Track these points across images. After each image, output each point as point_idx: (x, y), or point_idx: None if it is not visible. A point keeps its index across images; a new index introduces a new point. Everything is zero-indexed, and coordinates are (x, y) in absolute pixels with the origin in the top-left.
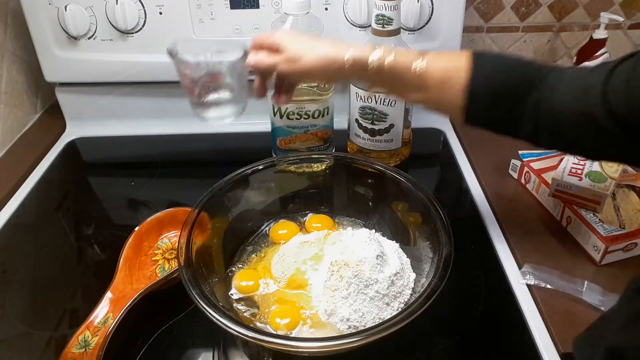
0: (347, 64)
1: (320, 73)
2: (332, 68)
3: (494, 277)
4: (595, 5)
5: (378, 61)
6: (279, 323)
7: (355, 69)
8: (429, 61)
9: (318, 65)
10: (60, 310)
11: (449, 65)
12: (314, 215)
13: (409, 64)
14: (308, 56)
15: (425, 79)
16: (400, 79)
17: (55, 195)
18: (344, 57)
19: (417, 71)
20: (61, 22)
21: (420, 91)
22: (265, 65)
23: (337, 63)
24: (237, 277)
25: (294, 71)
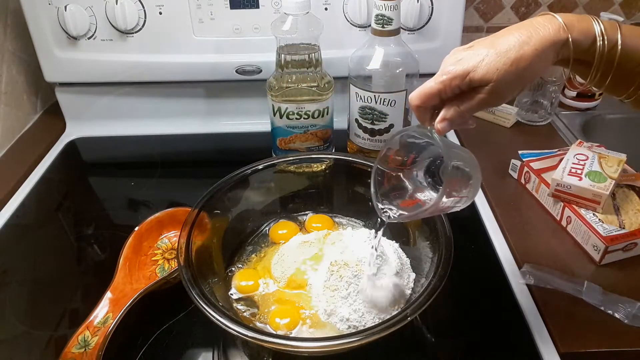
0: (565, 47)
1: (531, 78)
2: (545, 62)
3: (494, 277)
4: (595, 5)
5: (607, 39)
6: (279, 323)
7: (575, 51)
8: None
9: (534, 71)
10: (60, 310)
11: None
12: (314, 215)
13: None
14: (519, 71)
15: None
16: (626, 65)
17: (55, 195)
18: (564, 37)
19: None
20: (61, 22)
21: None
22: (468, 119)
23: (551, 51)
24: (236, 277)
25: (504, 100)
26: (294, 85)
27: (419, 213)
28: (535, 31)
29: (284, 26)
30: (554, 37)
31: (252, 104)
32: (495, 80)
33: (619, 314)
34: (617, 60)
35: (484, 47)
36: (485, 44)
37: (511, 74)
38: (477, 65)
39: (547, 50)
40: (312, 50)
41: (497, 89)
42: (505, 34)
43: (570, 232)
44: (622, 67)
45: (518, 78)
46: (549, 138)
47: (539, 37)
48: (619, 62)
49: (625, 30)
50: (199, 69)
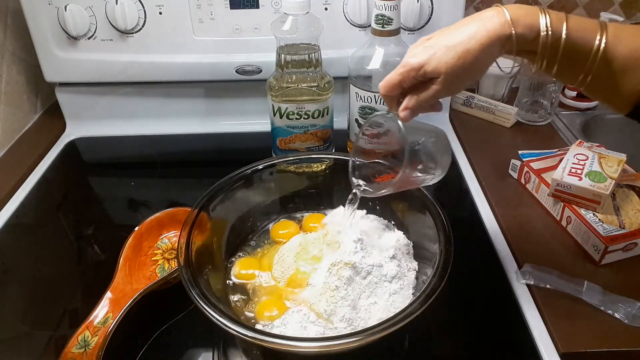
0: (509, 41)
1: (479, 70)
2: (491, 56)
3: (494, 277)
4: (595, 5)
5: (552, 32)
6: (264, 314)
7: (518, 45)
8: (614, 36)
9: (480, 64)
10: (60, 310)
11: (639, 49)
12: (310, 215)
13: (588, 38)
14: (465, 65)
15: (607, 60)
16: (571, 56)
17: (55, 195)
18: (507, 32)
19: (599, 49)
20: (61, 22)
21: (593, 74)
22: (428, 106)
23: (496, 45)
24: (238, 264)
25: (458, 90)
26: (294, 85)
27: (388, 186)
28: (483, 25)
29: (284, 26)
30: (499, 31)
31: (252, 104)
32: (445, 73)
33: (619, 314)
34: (562, 51)
35: (438, 40)
36: (439, 37)
37: (458, 67)
38: (429, 59)
39: (492, 44)
40: (312, 50)
41: (448, 80)
42: (457, 27)
43: (570, 232)
44: (567, 58)
45: (465, 71)
46: (549, 138)
47: (485, 32)
48: (563, 52)
49: (572, 24)
50: (199, 69)
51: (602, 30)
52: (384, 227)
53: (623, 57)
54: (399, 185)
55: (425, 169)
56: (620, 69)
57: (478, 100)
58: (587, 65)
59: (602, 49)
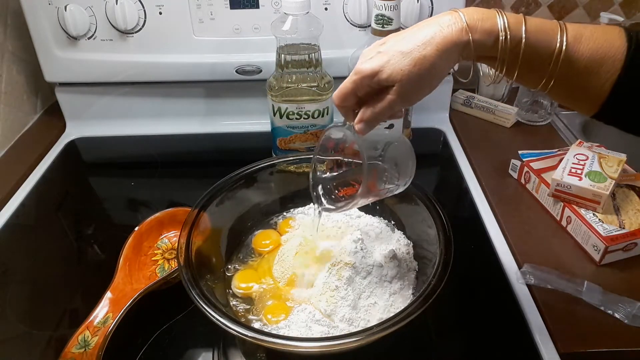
0: (467, 48)
1: (437, 77)
2: (448, 62)
3: (494, 277)
4: (595, 5)
5: (511, 36)
6: (271, 319)
7: (477, 51)
8: (574, 37)
9: (437, 71)
10: (60, 310)
11: (601, 47)
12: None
13: (548, 39)
14: (422, 72)
15: (569, 61)
16: (532, 59)
17: (55, 195)
18: (465, 39)
19: (562, 51)
20: (61, 22)
21: (556, 77)
22: (385, 118)
23: (454, 51)
24: (236, 277)
25: (415, 100)
26: (294, 85)
27: (351, 201)
28: (439, 31)
29: (284, 26)
30: (456, 38)
31: (252, 104)
32: (400, 81)
33: (619, 314)
34: (522, 56)
35: (393, 45)
36: (394, 41)
37: (414, 74)
38: (383, 66)
39: (450, 52)
40: (312, 50)
41: (404, 89)
42: (413, 32)
43: (570, 232)
44: (528, 62)
45: (422, 78)
46: (549, 138)
47: (441, 38)
48: (524, 57)
49: (531, 26)
50: (199, 69)
51: (562, 31)
52: (383, 227)
53: (585, 59)
54: (362, 199)
55: (389, 179)
56: (583, 71)
57: (478, 100)
58: (550, 69)
59: (563, 50)
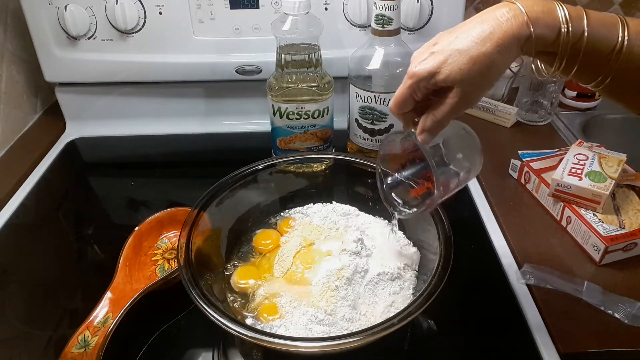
0: (528, 42)
1: (497, 74)
2: (508, 58)
3: (494, 277)
4: (595, 6)
5: (573, 30)
6: (267, 317)
7: (538, 46)
8: (636, 32)
9: (498, 68)
10: (60, 310)
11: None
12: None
13: (610, 35)
14: (482, 70)
15: (630, 57)
16: (592, 55)
17: (55, 195)
18: (527, 33)
19: (623, 47)
20: (61, 22)
21: (614, 74)
22: (448, 123)
23: (514, 46)
24: (236, 273)
25: (477, 100)
26: (294, 85)
27: (427, 204)
28: (498, 25)
29: (284, 26)
30: (517, 32)
31: (252, 104)
32: (461, 81)
33: (619, 314)
34: (583, 51)
35: (448, 43)
36: (448, 40)
37: (475, 72)
38: (440, 66)
39: (510, 46)
40: (312, 50)
41: (465, 89)
42: (468, 29)
43: (570, 232)
44: (588, 57)
45: (482, 76)
46: (549, 138)
47: (501, 33)
48: (585, 53)
49: (592, 19)
50: (199, 69)
51: (623, 25)
52: (384, 227)
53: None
54: (438, 200)
55: (459, 173)
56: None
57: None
58: (609, 65)
59: (625, 46)
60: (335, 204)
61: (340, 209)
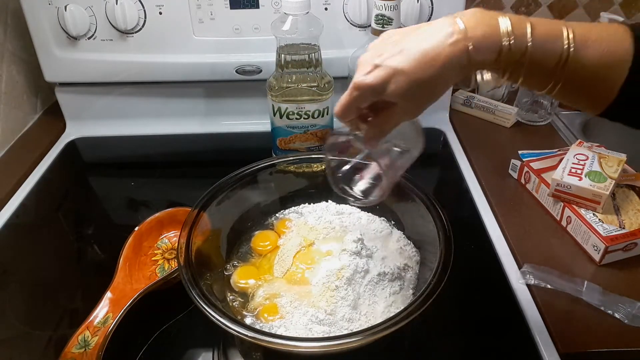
0: (469, 66)
1: (442, 93)
2: (450, 81)
3: (494, 277)
4: (595, 5)
5: (515, 48)
6: (267, 317)
7: (480, 67)
8: (582, 42)
9: (439, 90)
10: (60, 310)
11: (609, 51)
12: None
13: (555, 48)
14: (423, 92)
15: (576, 68)
16: (536, 68)
17: (55, 195)
18: (465, 60)
19: (567, 59)
20: (61, 22)
21: (561, 82)
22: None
23: (457, 71)
24: (236, 273)
25: (422, 112)
26: (294, 85)
27: (381, 191)
28: (441, 51)
29: (284, 26)
30: (458, 58)
31: (252, 104)
32: (403, 99)
33: (619, 314)
34: (527, 65)
35: (391, 58)
36: (392, 53)
37: (417, 93)
38: (383, 84)
39: (452, 70)
40: (312, 50)
41: (408, 105)
42: (412, 45)
43: (570, 232)
44: (533, 70)
45: (424, 95)
46: (549, 138)
47: (443, 58)
48: (528, 66)
49: (536, 33)
50: (199, 69)
51: (568, 34)
52: (383, 227)
53: (593, 64)
54: (387, 181)
55: (404, 153)
56: (590, 76)
57: (478, 100)
58: (555, 75)
59: (570, 59)
60: (329, 202)
61: (334, 207)
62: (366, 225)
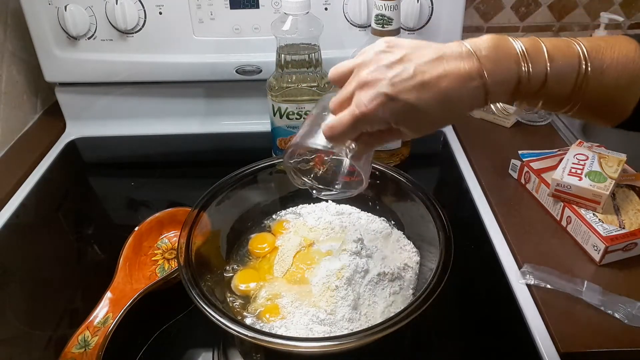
0: (483, 105)
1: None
2: (461, 117)
3: (494, 277)
4: (595, 5)
5: (531, 84)
6: (269, 318)
7: (494, 101)
8: (595, 58)
9: (449, 123)
10: (60, 310)
11: (625, 71)
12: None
13: (570, 79)
14: (434, 128)
15: (593, 92)
16: (552, 98)
17: (55, 195)
18: (482, 103)
19: (584, 87)
20: (61, 22)
21: (577, 106)
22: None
23: (470, 110)
24: (237, 277)
25: (425, 132)
26: (294, 85)
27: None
28: (463, 97)
29: (284, 26)
30: (477, 105)
31: (252, 104)
32: (415, 133)
33: (619, 314)
34: (543, 99)
35: (407, 93)
36: (406, 88)
37: (428, 131)
38: (396, 121)
39: (465, 112)
40: (312, 50)
41: (414, 134)
42: (428, 79)
43: (570, 232)
44: (551, 97)
45: (436, 128)
46: (549, 138)
47: (463, 106)
48: (545, 99)
49: (553, 70)
50: (199, 69)
51: (585, 66)
52: (383, 227)
53: (610, 88)
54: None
55: None
56: (607, 97)
57: None
58: (572, 102)
59: (586, 86)
60: (329, 202)
61: (334, 208)
62: (366, 225)
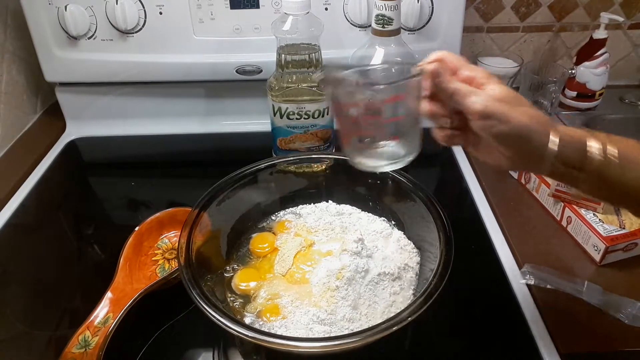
0: (552, 149)
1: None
2: (531, 146)
3: (494, 277)
4: (595, 5)
5: (600, 159)
6: (269, 318)
7: (561, 162)
8: (621, 165)
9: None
10: (60, 310)
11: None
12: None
13: (635, 155)
14: (516, 116)
15: (623, 191)
16: (623, 177)
17: (55, 195)
18: (549, 137)
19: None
20: (61, 22)
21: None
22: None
23: (539, 142)
24: (237, 276)
25: (500, 131)
26: (294, 85)
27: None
28: (537, 167)
29: (284, 26)
30: (547, 174)
31: (252, 104)
32: (491, 137)
33: (619, 314)
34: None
35: (508, 116)
36: (510, 117)
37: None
38: (492, 125)
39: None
40: (313, 50)
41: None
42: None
43: (571, 232)
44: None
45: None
46: None
47: (534, 169)
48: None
49: (625, 158)
50: (199, 69)
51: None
52: (384, 227)
53: (635, 184)
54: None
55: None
56: (632, 192)
57: None
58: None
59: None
60: (329, 202)
61: (334, 208)
62: (366, 226)
